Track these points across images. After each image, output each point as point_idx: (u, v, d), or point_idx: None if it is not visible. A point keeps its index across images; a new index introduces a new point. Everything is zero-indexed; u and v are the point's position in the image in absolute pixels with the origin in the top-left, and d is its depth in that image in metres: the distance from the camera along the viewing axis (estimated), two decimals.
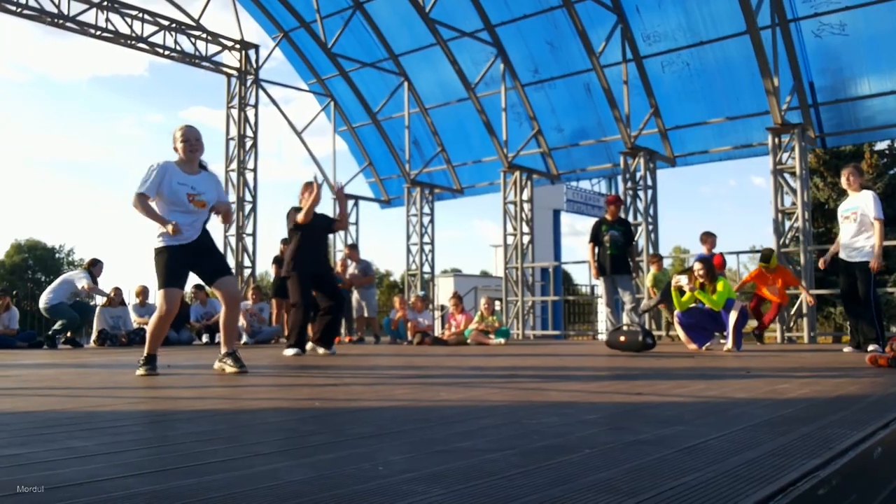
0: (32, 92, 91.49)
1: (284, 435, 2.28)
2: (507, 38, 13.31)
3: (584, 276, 48.42)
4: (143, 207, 4.38)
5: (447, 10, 12.65)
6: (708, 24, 11.43)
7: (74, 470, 1.65)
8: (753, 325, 9.80)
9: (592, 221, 9.30)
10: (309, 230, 6.88)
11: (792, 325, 10.74)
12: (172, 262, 4.46)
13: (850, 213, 6.74)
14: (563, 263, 22.62)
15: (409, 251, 15.91)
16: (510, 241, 14.00)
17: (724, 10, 10.98)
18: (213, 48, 14.11)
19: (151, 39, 13.03)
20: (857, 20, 10.44)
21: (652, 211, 12.15)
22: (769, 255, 9.15)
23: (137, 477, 1.58)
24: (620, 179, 12.46)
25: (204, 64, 14.02)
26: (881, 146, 24.64)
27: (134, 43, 12.84)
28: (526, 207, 13.99)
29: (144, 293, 11.17)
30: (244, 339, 10.99)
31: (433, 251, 16.03)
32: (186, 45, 13.64)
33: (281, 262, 10.40)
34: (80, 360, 6.83)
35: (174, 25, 13.32)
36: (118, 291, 10.97)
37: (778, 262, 9.49)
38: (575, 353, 7.58)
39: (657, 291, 10.70)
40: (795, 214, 10.51)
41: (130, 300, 11.43)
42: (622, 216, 9.65)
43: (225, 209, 4.74)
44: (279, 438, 2.21)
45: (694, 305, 7.66)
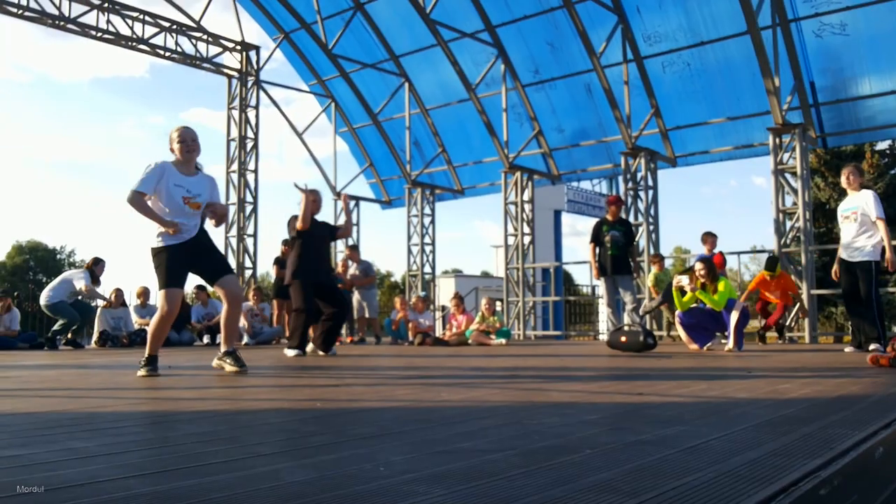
0: (33, 93, 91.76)
1: (286, 436, 2.28)
2: (507, 38, 13.32)
3: (584, 276, 48.33)
4: (139, 206, 4.37)
5: (448, 10, 12.66)
6: (709, 24, 11.43)
7: (76, 471, 1.65)
8: (755, 324, 9.81)
9: (593, 222, 9.30)
10: (310, 238, 6.89)
11: (793, 325, 10.74)
12: (172, 261, 4.46)
13: (849, 212, 6.73)
14: (563, 264, 22.62)
15: (409, 252, 15.92)
16: (511, 241, 14.00)
17: (724, 10, 10.98)
18: (213, 49, 14.13)
19: (152, 41, 13.04)
20: (857, 20, 10.44)
21: (653, 211, 12.15)
22: (774, 263, 9.20)
23: (139, 478, 1.58)
24: (621, 180, 12.46)
25: (205, 65, 14.03)
26: (882, 146, 24.67)
27: (135, 44, 12.85)
28: (527, 208, 13.99)
29: (145, 294, 11.17)
30: (245, 339, 10.99)
31: (434, 252, 16.05)
32: (187, 46, 13.66)
33: (282, 263, 10.40)
34: (81, 361, 6.83)
35: (175, 27, 13.33)
36: (119, 293, 10.98)
37: (781, 268, 9.55)
38: (576, 353, 7.58)
39: (658, 291, 10.70)
40: (796, 214, 10.51)
41: (131, 301, 11.44)
42: (623, 216, 9.64)
43: (222, 212, 4.75)
44: (280, 439, 2.21)
45: (695, 305, 7.66)
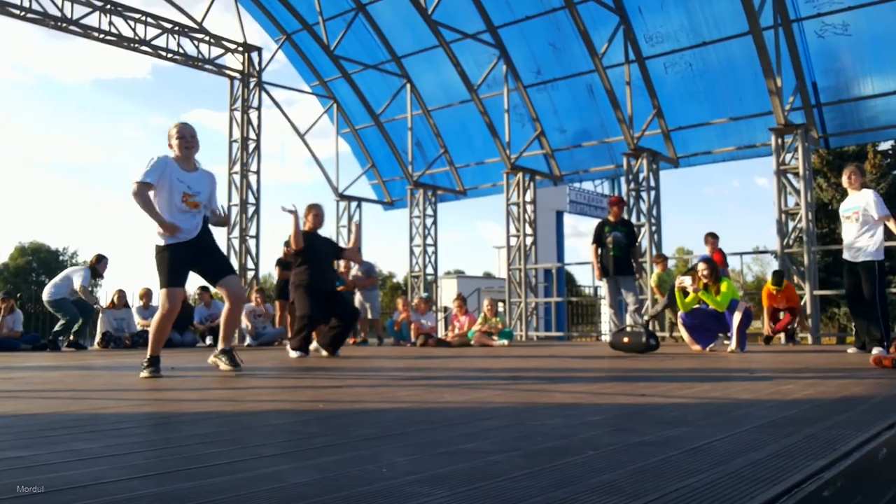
0: (35, 94, 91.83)
1: (288, 437, 2.28)
2: (509, 39, 13.32)
3: (587, 277, 48.34)
4: (143, 199, 4.34)
5: (449, 11, 12.66)
6: (710, 24, 11.42)
7: (79, 472, 1.66)
8: (758, 325, 9.81)
9: (595, 223, 9.29)
10: (312, 253, 6.85)
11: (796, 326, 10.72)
12: (174, 260, 4.46)
13: (850, 212, 6.71)
14: (566, 265, 22.63)
15: (412, 253, 15.92)
16: (513, 242, 13.99)
17: (726, 10, 10.97)
18: (215, 51, 14.14)
19: (154, 42, 13.05)
20: (859, 20, 10.42)
21: (655, 212, 12.13)
22: (780, 278, 9.23)
23: (142, 479, 1.58)
24: (623, 180, 12.45)
25: (207, 66, 14.04)
26: (884, 146, 24.65)
27: (137, 46, 12.86)
28: (529, 209, 13.98)
29: (148, 295, 11.18)
30: (248, 340, 11.00)
31: (436, 253, 16.04)
32: (189, 47, 13.67)
33: (284, 264, 10.40)
34: (83, 362, 6.83)
35: (177, 28, 13.34)
36: (122, 294, 11.00)
37: (786, 278, 9.60)
38: (578, 354, 7.57)
39: (661, 292, 10.70)
40: (799, 215, 10.50)
41: (134, 302, 11.45)
42: (625, 217, 9.64)
43: (225, 223, 4.84)
44: (283, 440, 2.21)
45: (697, 306, 7.65)
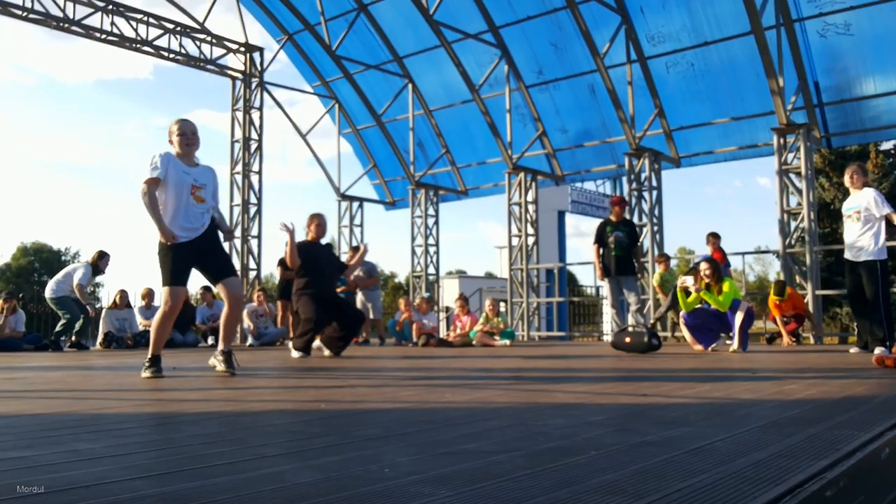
0: (37, 95, 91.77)
1: (290, 437, 2.28)
2: (511, 39, 13.31)
3: (589, 277, 48.24)
4: (150, 199, 4.35)
5: (451, 11, 12.66)
6: (712, 24, 11.41)
7: (81, 472, 1.66)
8: (760, 325, 9.80)
9: (597, 222, 9.28)
10: (314, 264, 6.87)
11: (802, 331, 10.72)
12: (177, 258, 4.47)
13: (852, 211, 6.68)
14: (567, 265, 22.61)
15: (413, 253, 15.92)
16: (515, 242, 13.99)
17: (728, 10, 10.96)
18: (217, 51, 14.15)
19: (156, 43, 13.06)
20: (861, 20, 10.41)
21: (657, 212, 12.13)
22: (781, 288, 9.21)
23: (145, 479, 1.58)
24: (625, 180, 12.44)
25: (209, 67, 14.05)
26: (887, 146, 24.64)
27: (139, 46, 12.87)
28: (530, 209, 13.98)
29: (150, 295, 11.20)
30: (250, 340, 11.01)
31: (438, 253, 16.04)
32: (191, 48, 13.68)
33: (286, 264, 10.42)
34: (85, 362, 6.84)
35: (179, 29, 13.35)
36: (124, 294, 11.01)
37: (787, 281, 9.59)
38: (580, 354, 7.57)
39: (664, 292, 10.70)
40: (801, 215, 10.49)
41: (136, 303, 11.47)
42: (627, 217, 9.63)
43: (230, 238, 4.95)
44: (285, 440, 2.21)
45: (700, 306, 7.64)
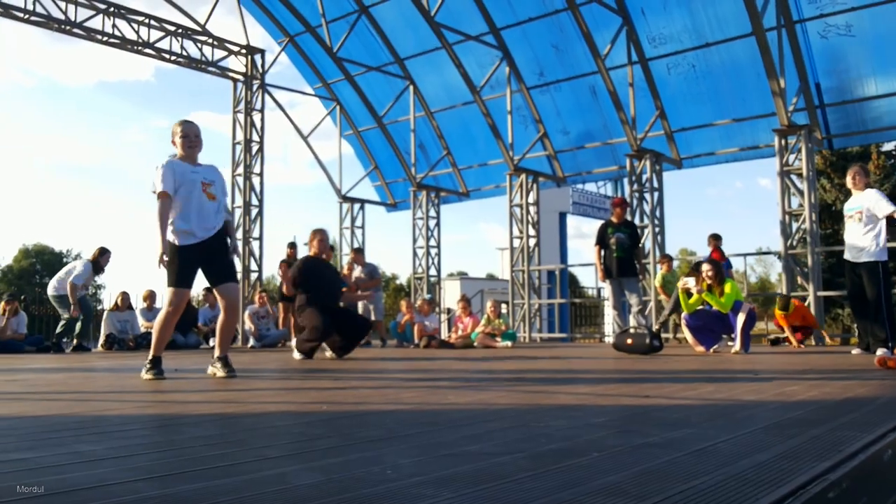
0: (38, 96, 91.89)
1: (292, 439, 2.28)
2: (512, 41, 13.31)
3: (590, 278, 48.21)
4: (161, 212, 4.38)
5: (452, 13, 12.67)
6: (713, 25, 11.41)
7: (83, 474, 1.66)
8: (762, 326, 9.78)
9: (598, 224, 9.28)
10: (316, 280, 6.94)
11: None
12: (183, 260, 4.48)
13: (854, 212, 6.66)
14: (569, 266, 22.60)
15: (415, 254, 15.93)
16: (516, 243, 13.98)
17: (729, 11, 10.96)
18: (219, 53, 14.15)
19: (158, 45, 13.07)
20: (862, 21, 10.41)
21: (658, 213, 12.13)
22: (786, 303, 9.18)
23: (146, 481, 1.58)
24: (626, 182, 12.44)
25: (210, 69, 14.06)
26: (888, 147, 24.62)
27: (140, 48, 12.88)
28: (532, 210, 13.98)
29: (152, 297, 11.21)
30: (251, 342, 11.01)
31: (439, 254, 16.04)
32: (193, 50, 13.69)
33: (288, 264, 10.42)
34: (87, 364, 6.85)
35: (180, 31, 13.36)
36: (126, 296, 11.02)
37: (794, 300, 9.55)
38: (582, 355, 7.56)
39: (666, 292, 10.69)
40: (803, 216, 10.48)
41: (138, 304, 11.47)
42: (628, 218, 9.62)
43: (237, 254, 5.04)
44: (287, 442, 2.21)
45: (701, 308, 7.64)
